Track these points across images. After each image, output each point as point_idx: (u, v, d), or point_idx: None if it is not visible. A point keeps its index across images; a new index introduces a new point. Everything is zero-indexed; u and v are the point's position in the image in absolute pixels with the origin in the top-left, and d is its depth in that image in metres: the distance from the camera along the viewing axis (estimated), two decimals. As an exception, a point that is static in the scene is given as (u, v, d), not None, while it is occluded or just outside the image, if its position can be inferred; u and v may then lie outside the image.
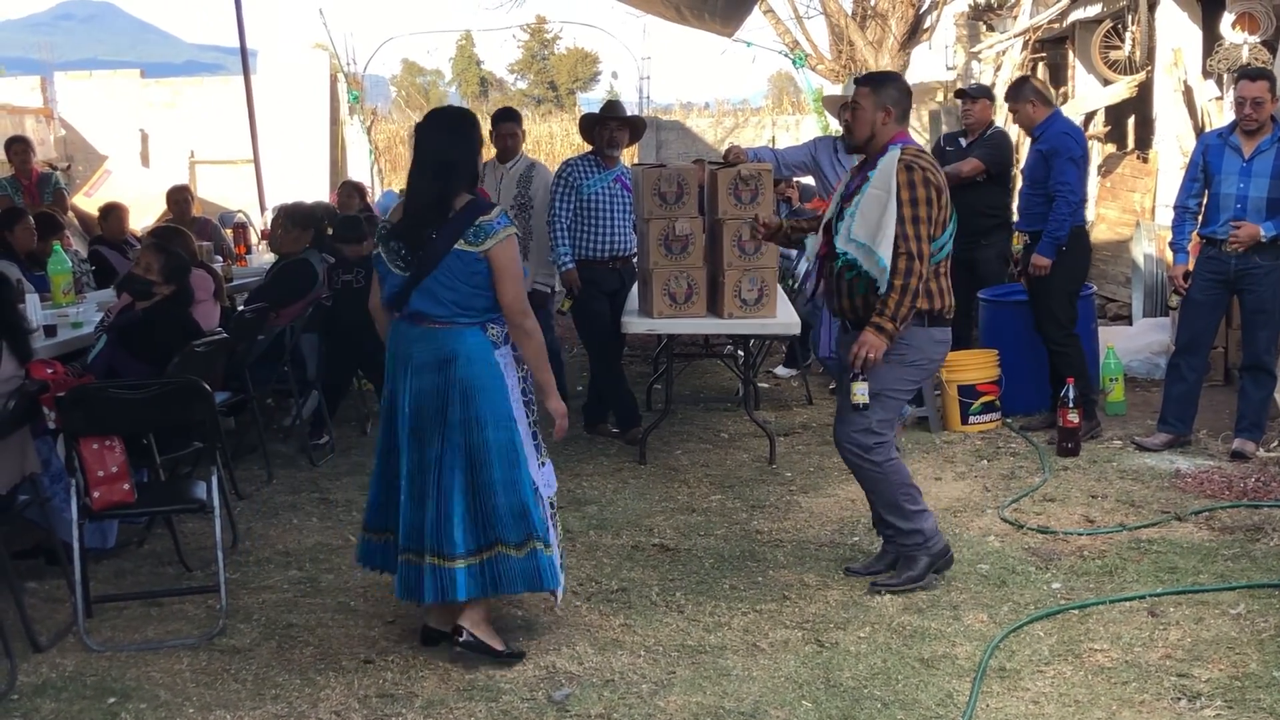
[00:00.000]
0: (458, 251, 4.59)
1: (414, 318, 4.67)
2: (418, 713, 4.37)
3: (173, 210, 10.85)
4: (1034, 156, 7.82)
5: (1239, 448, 7.23)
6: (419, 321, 4.66)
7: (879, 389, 5.31)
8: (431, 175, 4.66)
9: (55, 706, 4.47)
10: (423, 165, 4.69)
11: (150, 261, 6.33)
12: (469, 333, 4.67)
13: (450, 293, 4.62)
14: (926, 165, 5.22)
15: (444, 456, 4.63)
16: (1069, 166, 7.62)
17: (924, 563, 5.43)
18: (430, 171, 4.67)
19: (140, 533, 6.22)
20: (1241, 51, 10.44)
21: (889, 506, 5.45)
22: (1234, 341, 8.59)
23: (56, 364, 5.61)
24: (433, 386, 4.64)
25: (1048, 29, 14.29)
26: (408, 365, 4.69)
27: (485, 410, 4.64)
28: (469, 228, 4.60)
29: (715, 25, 14.76)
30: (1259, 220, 7.03)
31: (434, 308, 4.64)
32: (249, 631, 5.10)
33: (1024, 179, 8.02)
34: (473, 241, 4.59)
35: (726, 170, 7.06)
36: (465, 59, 73.30)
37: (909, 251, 5.14)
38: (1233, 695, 4.34)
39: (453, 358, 4.64)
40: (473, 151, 4.80)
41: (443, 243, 4.59)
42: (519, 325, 4.73)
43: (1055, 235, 7.64)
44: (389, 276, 4.70)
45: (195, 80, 25.43)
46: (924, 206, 5.16)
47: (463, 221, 4.61)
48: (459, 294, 4.63)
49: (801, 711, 4.33)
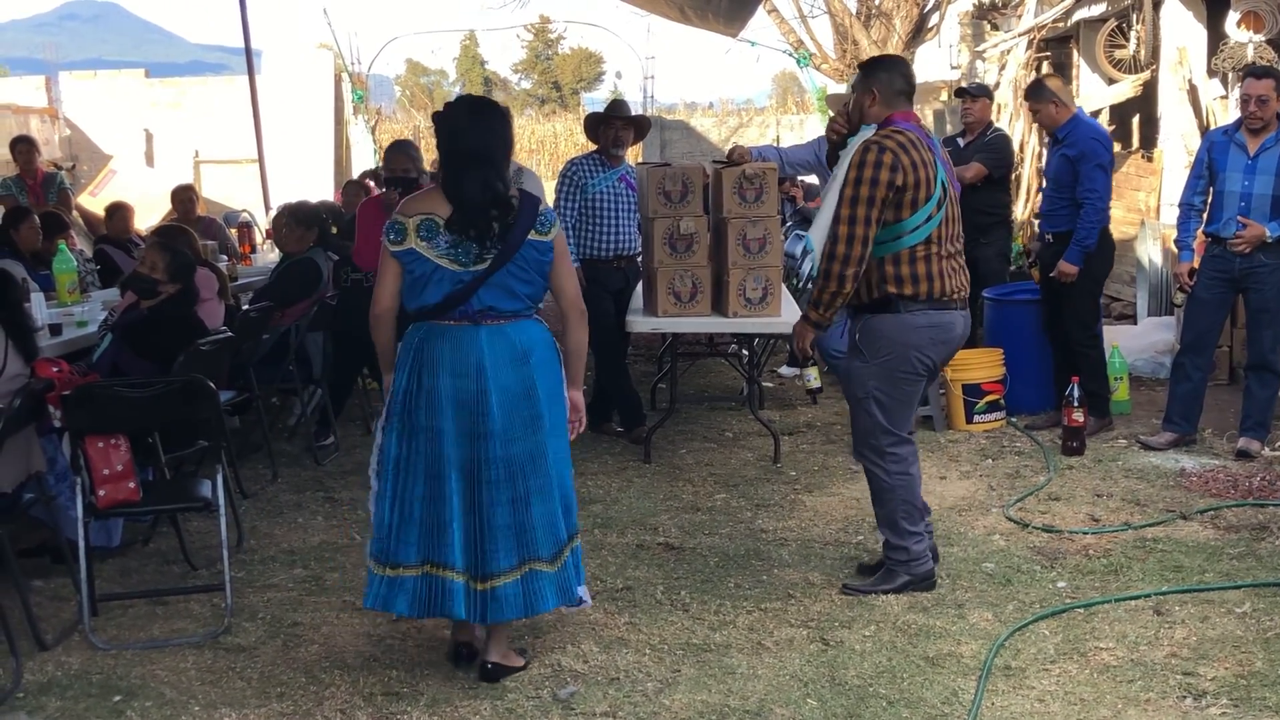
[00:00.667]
0: (531, 241, 4.42)
1: (477, 316, 4.41)
2: (423, 711, 4.37)
3: (177, 209, 10.87)
4: (1059, 160, 7.73)
5: (1244, 447, 7.22)
6: (482, 319, 4.41)
7: (863, 393, 5.29)
8: (483, 163, 4.40)
9: (61, 705, 4.47)
10: (468, 154, 4.41)
11: (155, 260, 6.33)
12: (535, 326, 4.53)
13: (526, 285, 4.44)
14: (892, 145, 5.05)
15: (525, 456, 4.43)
16: (1098, 173, 7.58)
17: (903, 580, 5.34)
18: (480, 160, 4.40)
19: (145, 531, 6.23)
20: (1246, 50, 10.43)
21: (887, 521, 5.39)
22: (1239, 341, 8.58)
23: (62, 362, 5.63)
24: (516, 383, 4.42)
25: (1052, 28, 14.27)
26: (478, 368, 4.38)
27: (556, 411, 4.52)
28: (536, 216, 4.44)
29: (719, 25, 14.76)
30: (1263, 218, 7.03)
31: (506, 302, 4.42)
32: (254, 630, 5.11)
33: (1048, 181, 7.97)
34: (541, 230, 4.44)
35: (731, 169, 7.06)
36: (469, 59, 73.32)
37: (835, 235, 5.06)
38: (1238, 694, 4.33)
39: (529, 351, 4.45)
40: (511, 138, 4.60)
41: (518, 233, 4.39)
42: (580, 313, 4.61)
43: (1084, 243, 7.58)
44: (438, 274, 4.38)
45: (200, 80, 25.47)
46: (867, 186, 5.00)
47: (530, 210, 4.43)
48: (534, 286, 4.47)
49: (807, 710, 4.32)
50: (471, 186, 4.37)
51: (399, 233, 4.42)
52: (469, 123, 4.47)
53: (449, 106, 4.60)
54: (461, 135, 4.45)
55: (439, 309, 4.41)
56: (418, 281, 4.42)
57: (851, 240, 5.04)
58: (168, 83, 23.97)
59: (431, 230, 4.38)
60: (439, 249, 4.37)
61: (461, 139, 4.44)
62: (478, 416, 4.38)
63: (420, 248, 4.38)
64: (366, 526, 6.31)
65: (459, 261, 4.37)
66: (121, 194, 13.20)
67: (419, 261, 4.39)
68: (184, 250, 6.61)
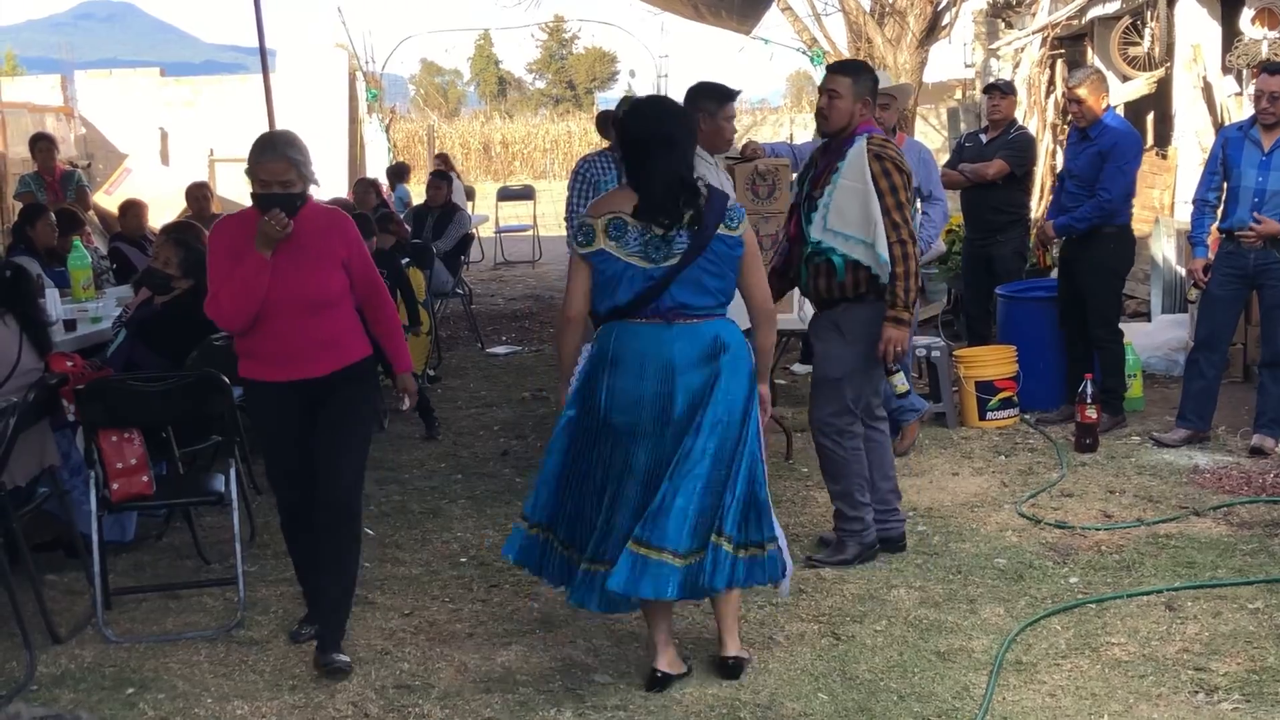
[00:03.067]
0: (721, 236, 4.35)
1: (669, 313, 4.34)
2: (435, 704, 4.38)
3: (192, 207, 10.91)
4: (1093, 157, 7.72)
5: (1258, 443, 7.19)
6: (675, 317, 4.35)
7: (840, 373, 5.57)
8: (668, 149, 4.35)
9: (74, 697, 4.50)
10: (653, 141, 4.36)
11: (169, 256, 6.35)
12: (727, 323, 4.45)
13: (717, 280, 4.37)
14: (893, 153, 5.43)
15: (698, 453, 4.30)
16: (1119, 176, 7.59)
17: (854, 549, 5.64)
18: (666, 144, 4.35)
19: (159, 526, 6.25)
20: (1261, 47, 10.40)
21: (843, 495, 5.66)
22: (1253, 338, 8.55)
23: (76, 357, 5.66)
24: (702, 382, 4.34)
25: (1066, 25, 14.24)
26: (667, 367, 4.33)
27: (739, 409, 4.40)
28: (725, 210, 4.40)
29: (732, 23, 14.77)
30: (1277, 214, 7.01)
31: (698, 298, 4.36)
32: (267, 623, 5.13)
33: (1072, 177, 7.88)
34: (730, 225, 4.38)
35: (744, 165, 7.06)
36: (484, 59, 73.44)
37: (901, 239, 5.35)
38: (1250, 689, 4.33)
39: (722, 349, 4.38)
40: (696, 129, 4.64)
41: (709, 227, 4.33)
42: (770, 312, 4.57)
43: (1076, 224, 7.66)
44: (629, 273, 4.33)
45: (215, 79, 25.51)
46: (902, 192, 5.39)
47: (719, 204, 4.39)
48: (725, 281, 4.41)
49: (818, 704, 4.33)
50: (658, 172, 4.34)
51: (588, 235, 4.39)
52: (653, 112, 4.47)
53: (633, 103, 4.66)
54: (646, 123, 4.41)
55: (630, 308, 4.36)
56: (609, 282, 4.37)
57: (914, 238, 5.42)
58: (182, 81, 24.05)
59: (620, 228, 4.35)
60: (629, 247, 4.34)
61: (646, 126, 4.40)
62: (662, 415, 4.34)
63: (610, 248, 4.35)
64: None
65: (650, 259, 4.33)
66: (136, 192, 13.25)
67: (609, 261, 4.36)
68: (197, 246, 6.62)
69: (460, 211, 12.55)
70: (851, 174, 5.36)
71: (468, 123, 37.54)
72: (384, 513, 6.58)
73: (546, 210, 20.40)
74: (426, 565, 5.79)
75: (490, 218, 19.13)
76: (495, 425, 8.50)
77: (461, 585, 5.52)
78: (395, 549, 6.02)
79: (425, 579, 5.61)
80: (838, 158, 5.44)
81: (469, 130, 35.56)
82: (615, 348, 4.39)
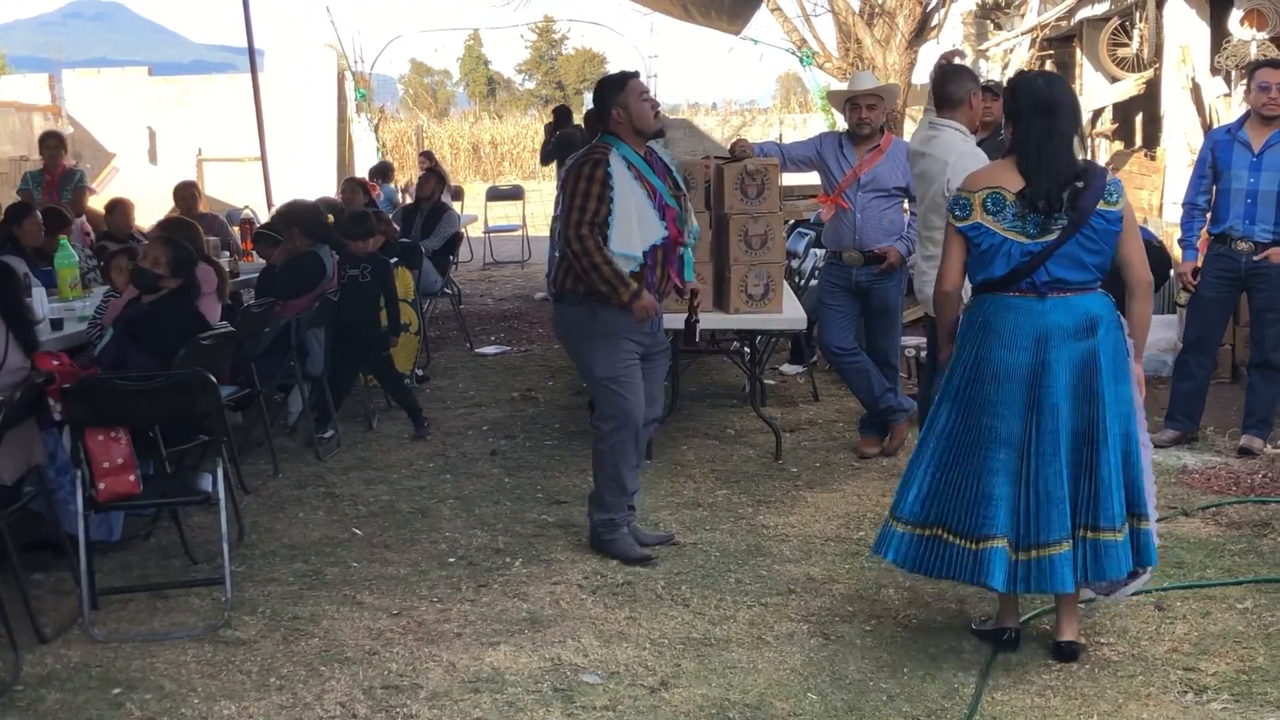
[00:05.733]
0: (1101, 211, 4.38)
1: (1044, 287, 4.40)
2: (423, 704, 4.37)
3: (180, 206, 10.86)
4: None
5: (1246, 444, 7.21)
6: (1049, 291, 4.40)
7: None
8: (1052, 132, 4.40)
9: (60, 697, 4.47)
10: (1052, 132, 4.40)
11: (157, 254, 6.33)
12: (1101, 298, 4.48)
13: (1095, 256, 4.41)
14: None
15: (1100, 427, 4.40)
16: None
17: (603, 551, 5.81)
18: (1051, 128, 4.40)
19: (146, 525, 6.22)
20: (1250, 48, 10.43)
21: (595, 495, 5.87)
22: (1241, 339, 8.57)
23: (63, 356, 5.62)
24: (1080, 356, 4.40)
25: (1055, 26, 14.28)
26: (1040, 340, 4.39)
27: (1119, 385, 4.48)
28: (1105, 185, 4.41)
29: (722, 23, 14.78)
30: (1270, 214, 7.03)
31: (1075, 273, 4.40)
32: (254, 624, 5.10)
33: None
34: (1110, 200, 4.41)
35: (733, 165, 7.06)
36: (473, 59, 73.37)
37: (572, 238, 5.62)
38: (1239, 689, 4.33)
39: (1097, 322, 4.42)
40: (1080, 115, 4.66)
41: (1088, 202, 4.36)
42: (1147, 285, 4.57)
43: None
44: (1006, 246, 4.40)
45: (204, 78, 25.50)
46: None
47: (1100, 179, 4.41)
48: (1103, 256, 4.43)
49: (807, 704, 4.32)
50: (1055, 162, 4.37)
51: (965, 208, 4.47)
52: (1051, 95, 4.45)
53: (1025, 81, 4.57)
54: (1051, 107, 4.42)
55: (1004, 281, 4.43)
56: (985, 255, 4.45)
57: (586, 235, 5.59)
58: (171, 81, 24.04)
59: (999, 203, 4.42)
60: (1006, 221, 4.41)
61: (1051, 110, 4.41)
62: (1037, 389, 4.40)
63: (986, 221, 4.42)
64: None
65: (1026, 234, 4.39)
66: (124, 191, 13.23)
67: (986, 235, 4.43)
68: (185, 244, 6.61)
69: (449, 211, 12.54)
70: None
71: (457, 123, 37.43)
72: (372, 512, 6.56)
73: (535, 210, 20.39)
74: (415, 565, 5.77)
75: (479, 218, 19.12)
76: (484, 425, 8.49)
77: (450, 585, 5.50)
78: (383, 549, 6.00)
79: (413, 579, 5.59)
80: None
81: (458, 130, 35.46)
82: (988, 320, 4.47)
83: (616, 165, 5.54)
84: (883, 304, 7.48)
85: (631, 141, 5.64)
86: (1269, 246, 7.07)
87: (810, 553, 5.83)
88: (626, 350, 5.66)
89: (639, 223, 5.54)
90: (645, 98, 5.67)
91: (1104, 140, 14.05)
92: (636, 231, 5.53)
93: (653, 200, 5.60)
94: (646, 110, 5.64)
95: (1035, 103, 4.43)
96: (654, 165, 5.71)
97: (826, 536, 6.05)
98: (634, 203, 5.54)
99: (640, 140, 5.67)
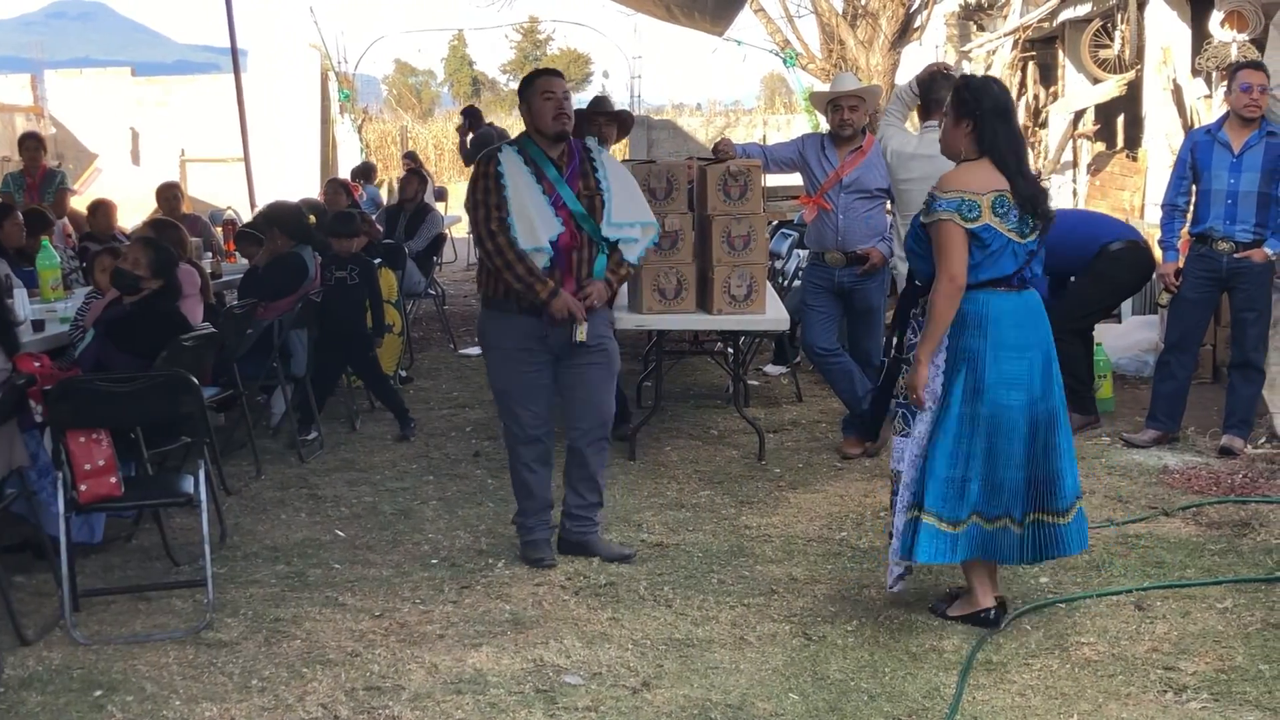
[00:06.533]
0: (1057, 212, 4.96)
1: (1024, 283, 4.82)
2: (405, 705, 4.36)
3: (162, 207, 10.84)
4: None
5: (1227, 444, 7.24)
6: (1024, 287, 4.83)
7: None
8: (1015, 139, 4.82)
9: (41, 699, 4.46)
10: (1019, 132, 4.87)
11: (138, 256, 6.32)
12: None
13: (1049, 256, 5.00)
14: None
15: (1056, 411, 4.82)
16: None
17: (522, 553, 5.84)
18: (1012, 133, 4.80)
19: (128, 527, 6.21)
20: (1230, 49, 10.48)
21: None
22: (1222, 339, 8.60)
23: (44, 357, 5.61)
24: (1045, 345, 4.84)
25: (1037, 28, 14.32)
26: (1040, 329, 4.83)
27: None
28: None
29: (705, 24, 14.77)
30: (1250, 216, 7.08)
31: (1040, 268, 4.91)
32: (236, 625, 5.09)
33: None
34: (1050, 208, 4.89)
35: (716, 166, 7.06)
36: (458, 59, 73.28)
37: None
38: (1219, 688, 4.35)
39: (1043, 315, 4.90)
40: None
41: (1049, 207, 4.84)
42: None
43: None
44: (1010, 247, 4.72)
45: (187, 79, 25.47)
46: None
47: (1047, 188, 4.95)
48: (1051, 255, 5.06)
49: (789, 704, 4.33)
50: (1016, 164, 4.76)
51: (974, 209, 4.69)
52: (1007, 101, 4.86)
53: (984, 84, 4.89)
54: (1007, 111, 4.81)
55: (1006, 279, 4.77)
56: (992, 254, 4.73)
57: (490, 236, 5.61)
58: (154, 81, 23.98)
59: (1005, 205, 4.71)
60: (1009, 223, 4.73)
61: (1007, 115, 4.80)
62: (1033, 374, 4.77)
63: (994, 223, 4.70)
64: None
65: (1021, 235, 4.75)
66: (107, 192, 13.19)
67: (995, 235, 4.71)
68: (167, 246, 6.60)
69: (432, 212, 12.52)
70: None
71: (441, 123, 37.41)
72: (355, 514, 6.55)
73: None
74: (397, 566, 5.77)
75: (463, 218, 19.08)
76: (467, 426, 8.48)
77: (433, 586, 5.50)
78: (366, 550, 6.00)
79: (396, 580, 5.59)
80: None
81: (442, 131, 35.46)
82: (991, 314, 4.75)
83: (509, 161, 5.50)
84: (865, 305, 7.50)
85: (538, 140, 5.57)
86: (1249, 246, 7.11)
87: (793, 553, 5.84)
88: (517, 361, 5.62)
89: (537, 217, 5.45)
90: (548, 97, 5.53)
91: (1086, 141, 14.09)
92: (536, 225, 5.45)
93: (549, 197, 5.50)
94: (545, 110, 5.52)
95: (996, 107, 4.75)
96: (568, 166, 5.60)
97: (809, 537, 6.07)
98: (527, 197, 5.46)
99: (545, 139, 5.57)
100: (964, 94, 4.78)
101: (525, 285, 5.44)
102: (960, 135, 4.78)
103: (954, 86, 4.93)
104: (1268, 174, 7.06)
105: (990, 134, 4.70)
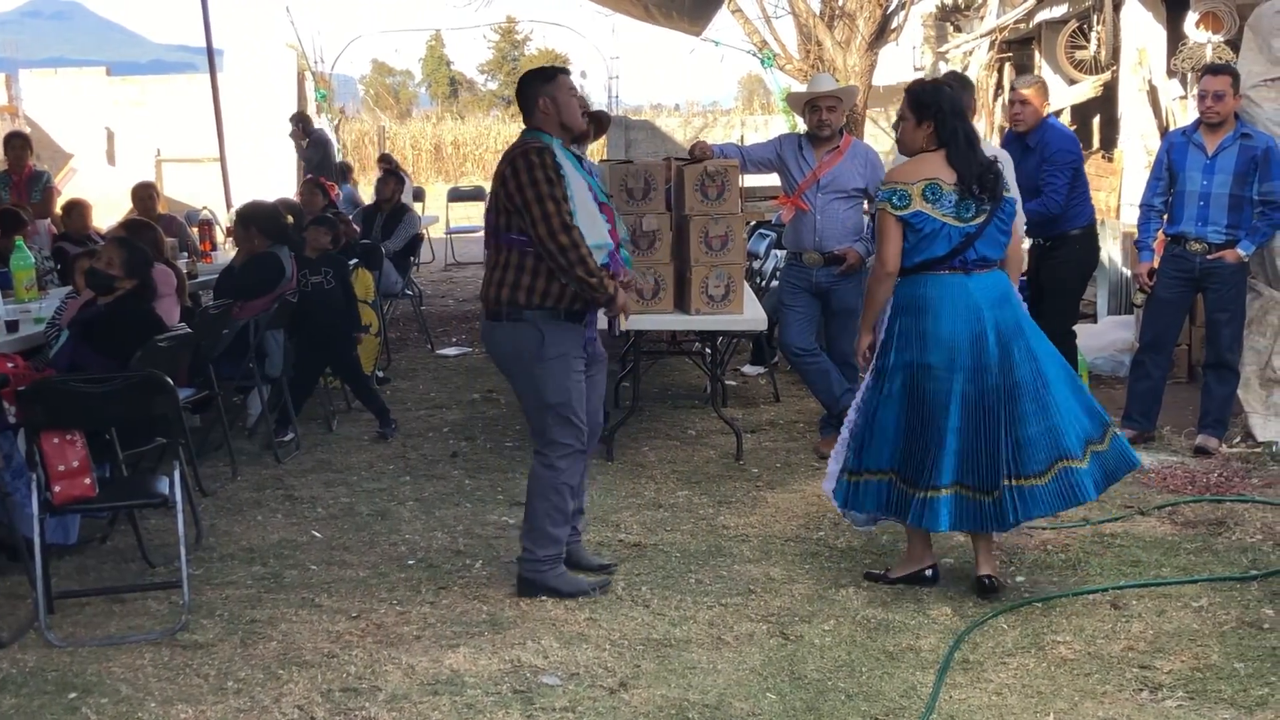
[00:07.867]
0: (1007, 197, 5.19)
1: (970, 265, 5.08)
2: (381, 707, 4.35)
3: (138, 207, 10.78)
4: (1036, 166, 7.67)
5: (1202, 443, 7.27)
6: (973, 268, 5.09)
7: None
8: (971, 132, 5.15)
9: (16, 702, 4.43)
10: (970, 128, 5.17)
11: (112, 256, 6.29)
12: (1002, 274, 5.22)
13: (1005, 235, 5.18)
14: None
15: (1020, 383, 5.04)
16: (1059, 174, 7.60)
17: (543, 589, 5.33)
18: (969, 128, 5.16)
19: (103, 528, 6.18)
20: (1205, 51, 10.52)
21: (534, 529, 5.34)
22: (1198, 339, 8.64)
23: (17, 358, 5.59)
24: (1007, 322, 5.09)
25: (1014, 29, 14.37)
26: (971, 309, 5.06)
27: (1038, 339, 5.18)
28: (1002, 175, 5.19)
29: (683, 24, 14.78)
30: (1221, 217, 7.11)
31: (995, 251, 5.14)
32: (212, 627, 5.07)
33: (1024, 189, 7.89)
34: (1008, 190, 5.22)
35: (693, 166, 7.06)
36: (435, 59, 73.19)
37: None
38: (1194, 686, 4.37)
39: (1008, 293, 5.18)
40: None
41: (1001, 189, 5.13)
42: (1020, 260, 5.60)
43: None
44: (944, 230, 5.04)
45: (163, 79, 25.35)
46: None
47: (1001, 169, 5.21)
48: (1008, 236, 5.22)
49: (766, 704, 4.33)
50: (978, 153, 5.13)
51: (903, 198, 5.06)
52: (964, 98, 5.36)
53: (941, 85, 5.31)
54: (962, 111, 5.20)
55: (940, 261, 5.08)
56: (925, 239, 5.07)
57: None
58: (130, 81, 23.90)
59: (936, 191, 5.05)
60: (945, 208, 5.05)
61: (963, 114, 5.19)
62: (978, 353, 5.03)
63: (925, 208, 5.04)
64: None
65: (961, 218, 5.06)
66: (82, 192, 13.12)
67: (927, 220, 5.05)
68: (141, 246, 6.56)
69: (409, 212, 12.49)
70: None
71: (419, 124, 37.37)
72: (331, 514, 6.53)
73: (497, 211, 20.30)
74: (374, 567, 5.75)
75: (441, 218, 19.07)
76: (445, 427, 8.47)
77: (409, 587, 5.48)
78: (343, 551, 5.98)
79: (373, 581, 5.57)
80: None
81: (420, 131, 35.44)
82: (925, 296, 5.09)
83: (560, 155, 5.21)
84: (843, 305, 7.51)
85: (559, 136, 5.30)
86: (1222, 248, 7.14)
87: (770, 553, 5.85)
88: (576, 369, 5.31)
89: (596, 213, 5.25)
90: (573, 93, 5.39)
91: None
92: (598, 220, 5.24)
93: (591, 195, 5.29)
94: (575, 107, 5.35)
95: (954, 108, 5.15)
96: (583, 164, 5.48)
97: (786, 537, 6.07)
98: (583, 192, 5.21)
99: (567, 137, 5.35)
100: (922, 98, 5.17)
101: (597, 280, 5.09)
102: (921, 135, 5.16)
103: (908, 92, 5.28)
104: (1240, 176, 7.09)
105: (949, 131, 5.10)
